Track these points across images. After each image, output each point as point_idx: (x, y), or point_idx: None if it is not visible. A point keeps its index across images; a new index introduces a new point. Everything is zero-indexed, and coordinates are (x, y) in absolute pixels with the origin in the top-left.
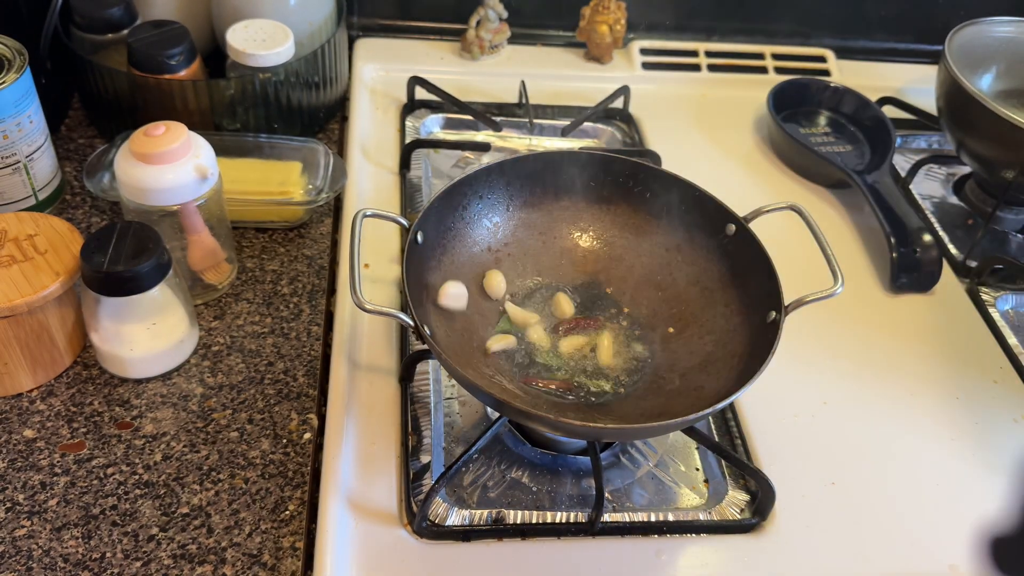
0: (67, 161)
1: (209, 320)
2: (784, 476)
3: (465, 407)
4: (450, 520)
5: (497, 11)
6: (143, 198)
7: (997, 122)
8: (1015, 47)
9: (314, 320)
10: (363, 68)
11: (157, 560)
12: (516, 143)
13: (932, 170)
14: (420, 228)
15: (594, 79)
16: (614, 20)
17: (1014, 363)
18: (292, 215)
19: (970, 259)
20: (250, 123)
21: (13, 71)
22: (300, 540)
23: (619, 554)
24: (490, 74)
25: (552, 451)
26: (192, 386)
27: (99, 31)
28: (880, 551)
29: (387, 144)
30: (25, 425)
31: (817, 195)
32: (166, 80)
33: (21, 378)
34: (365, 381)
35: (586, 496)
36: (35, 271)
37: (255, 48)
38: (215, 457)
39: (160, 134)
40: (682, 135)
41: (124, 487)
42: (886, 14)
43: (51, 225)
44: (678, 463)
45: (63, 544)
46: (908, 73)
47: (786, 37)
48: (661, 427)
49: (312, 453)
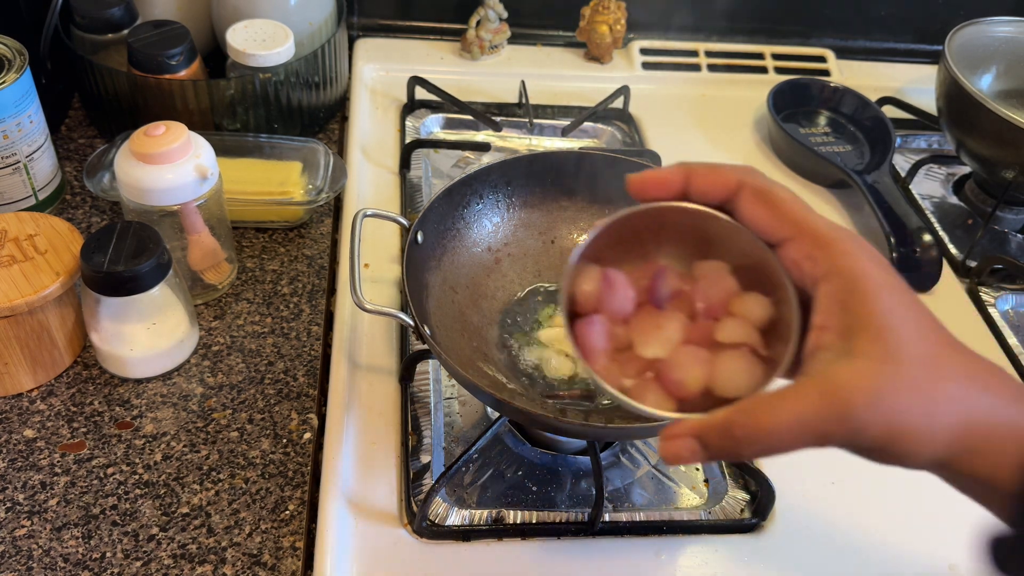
0: (67, 161)
1: (209, 320)
2: (784, 476)
3: (465, 407)
4: (450, 520)
5: (497, 11)
6: (143, 198)
7: (997, 122)
8: (1015, 47)
9: (314, 320)
10: (363, 68)
11: (157, 560)
12: (516, 143)
13: (932, 170)
14: (420, 228)
15: (594, 79)
16: (614, 20)
17: (1014, 363)
18: (292, 215)
19: (970, 259)
20: (250, 123)
21: (13, 71)
22: (300, 540)
23: (619, 554)
24: (490, 74)
25: (552, 451)
26: (192, 386)
27: (99, 31)
28: (880, 551)
29: (387, 144)
30: (25, 425)
31: (817, 195)
32: (166, 80)
33: (21, 378)
34: (365, 381)
35: (586, 496)
36: (35, 271)
37: (255, 48)
38: (215, 457)
39: (160, 134)
40: (682, 135)
41: (124, 487)
42: (886, 14)
43: (51, 225)
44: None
45: (63, 544)
46: (908, 73)
47: (786, 37)
48: (662, 427)
49: (312, 453)
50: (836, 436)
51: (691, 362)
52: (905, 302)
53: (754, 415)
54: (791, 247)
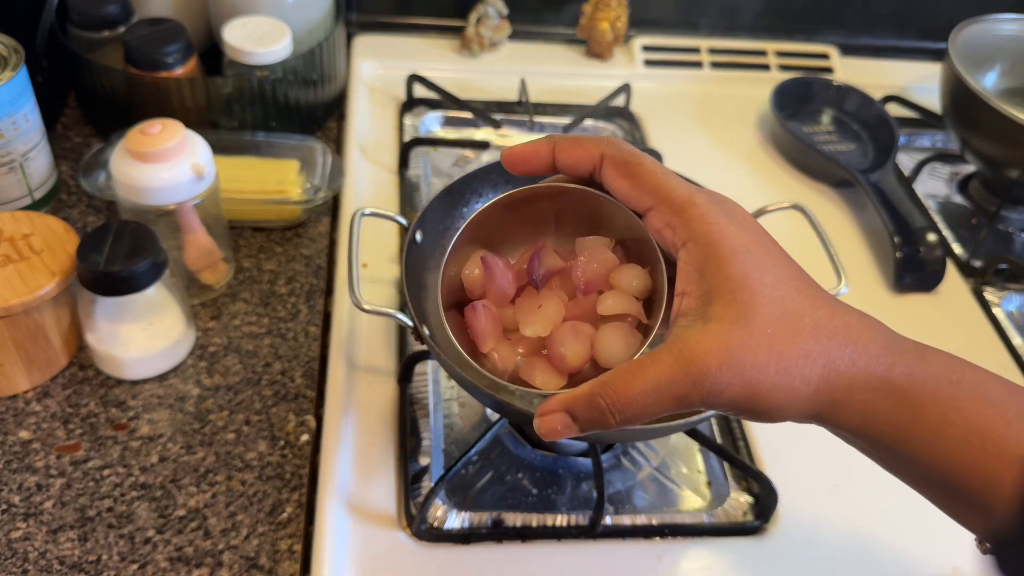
0: (63, 160)
1: (206, 320)
2: (787, 478)
3: (465, 408)
4: (449, 523)
5: (497, 8)
6: (139, 197)
7: (1002, 120)
8: (1019, 45)
9: (312, 320)
10: (361, 65)
11: (153, 563)
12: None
13: (936, 169)
14: (419, 227)
15: (595, 76)
16: (615, 17)
17: (1019, 363)
18: (290, 214)
19: (974, 258)
20: (247, 121)
21: (9, 69)
22: (298, 543)
23: (620, 557)
24: (490, 71)
25: (553, 453)
26: (188, 387)
27: (95, 28)
28: (883, 553)
29: (386, 142)
30: (21, 426)
31: (820, 194)
32: (163, 78)
33: (17, 379)
34: (363, 382)
35: (587, 498)
36: (31, 271)
37: (252, 46)
38: (212, 459)
39: (156, 132)
40: (684, 133)
41: (120, 489)
42: (890, 11)
43: (47, 224)
44: (680, 465)
45: (59, 546)
46: (912, 71)
47: (789, 34)
48: (663, 428)
49: (310, 455)
50: (694, 399)
51: (571, 337)
52: (763, 264)
53: (614, 385)
54: (654, 216)
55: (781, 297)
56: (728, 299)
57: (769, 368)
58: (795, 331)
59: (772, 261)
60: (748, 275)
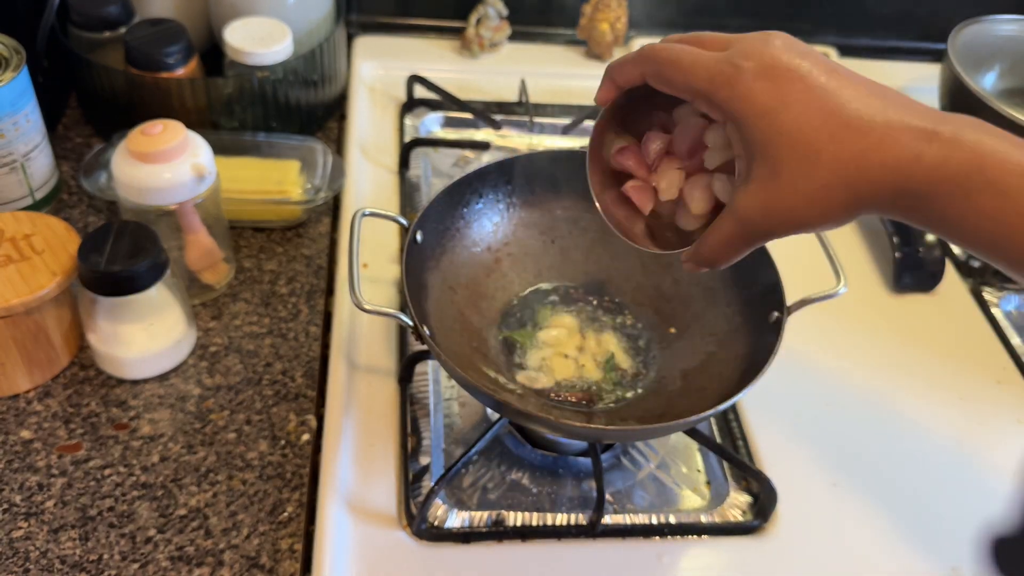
0: (64, 160)
1: (207, 320)
2: (786, 478)
3: (465, 408)
4: (450, 522)
5: (497, 9)
6: (140, 197)
7: (1001, 121)
8: (1018, 45)
9: (312, 320)
10: (362, 66)
11: (155, 562)
12: (516, 142)
13: None
14: (419, 227)
15: (595, 77)
16: (615, 18)
17: (1017, 364)
18: (290, 214)
19: (973, 259)
20: (248, 122)
21: (10, 69)
22: (298, 542)
23: (620, 556)
24: (490, 72)
25: (553, 452)
26: (189, 387)
27: (96, 29)
28: (882, 553)
29: (386, 143)
30: (22, 426)
31: None
32: (163, 78)
33: (18, 379)
34: (364, 382)
35: (587, 498)
36: (32, 271)
37: (253, 46)
38: (213, 458)
39: (157, 133)
40: None
41: (121, 488)
42: (889, 12)
43: (48, 225)
44: (680, 464)
45: (60, 546)
46: (911, 71)
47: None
48: (663, 428)
49: (310, 454)
50: (755, 240)
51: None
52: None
53: (700, 248)
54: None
55: (799, 144)
56: (759, 160)
57: (798, 208)
58: (815, 169)
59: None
60: (770, 138)
